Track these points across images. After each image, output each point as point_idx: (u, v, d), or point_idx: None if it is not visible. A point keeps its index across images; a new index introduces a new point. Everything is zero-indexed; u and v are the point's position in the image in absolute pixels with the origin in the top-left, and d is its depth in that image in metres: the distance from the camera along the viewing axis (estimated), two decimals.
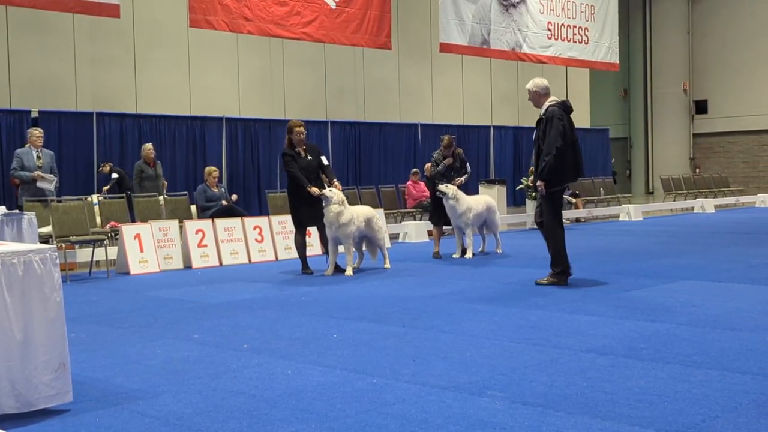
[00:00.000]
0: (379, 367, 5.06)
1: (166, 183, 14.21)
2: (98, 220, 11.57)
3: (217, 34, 15.75)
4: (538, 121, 8.33)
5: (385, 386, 4.62)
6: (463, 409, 4.17)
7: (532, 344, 5.64)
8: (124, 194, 12.80)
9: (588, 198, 19.63)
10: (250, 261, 11.44)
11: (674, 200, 22.55)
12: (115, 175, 14.21)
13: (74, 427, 4.01)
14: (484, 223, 11.66)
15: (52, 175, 11.09)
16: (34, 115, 15.29)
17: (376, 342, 5.89)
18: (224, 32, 15.25)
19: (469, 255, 11.13)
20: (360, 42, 17.13)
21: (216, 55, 18.40)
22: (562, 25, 21.02)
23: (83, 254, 10.80)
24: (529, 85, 8.47)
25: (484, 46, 19.34)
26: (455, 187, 11.23)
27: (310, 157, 10.00)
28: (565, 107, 8.27)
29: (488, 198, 11.98)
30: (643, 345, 5.53)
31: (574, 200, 18.50)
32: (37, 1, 12.36)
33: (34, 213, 9.29)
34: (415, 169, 16.51)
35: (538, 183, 8.25)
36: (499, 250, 11.78)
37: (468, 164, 11.83)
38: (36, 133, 11.18)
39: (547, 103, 8.29)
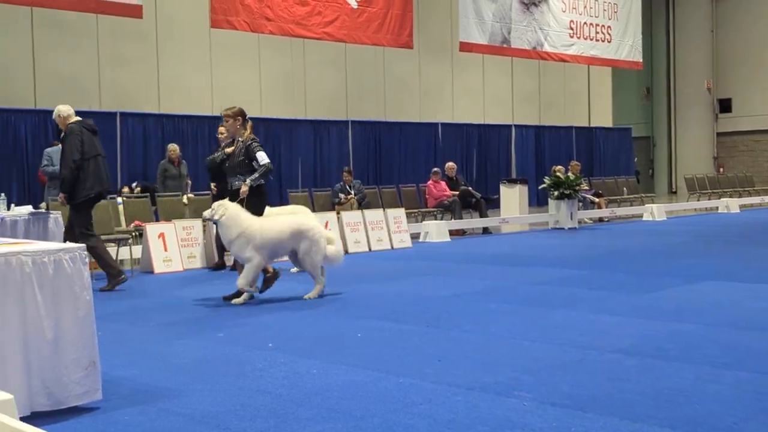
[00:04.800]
0: (404, 367, 5.05)
1: (190, 182, 14.28)
2: (122, 219, 11.64)
3: (239, 33, 15.80)
4: (62, 140, 8.88)
5: (411, 386, 4.61)
6: (491, 409, 4.15)
7: (557, 344, 5.61)
8: (148, 194, 12.88)
9: (611, 197, 19.50)
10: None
11: (698, 200, 22.36)
12: (138, 190, 14.31)
13: (104, 425, 4.04)
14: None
15: None
16: None
17: (400, 341, 5.88)
18: (246, 32, 15.30)
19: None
20: (381, 41, 17.13)
21: (238, 54, 18.47)
22: (585, 23, 20.91)
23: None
24: (54, 114, 8.98)
25: (505, 45, 19.28)
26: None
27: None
28: (86, 125, 8.85)
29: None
30: (670, 346, 5.49)
31: (597, 200, 18.40)
32: (62, 2, 12.47)
33: (59, 212, 9.36)
34: (435, 169, 16.48)
35: (60, 195, 8.83)
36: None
37: (259, 159, 8.18)
38: None
39: (69, 123, 8.86)
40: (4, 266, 3.88)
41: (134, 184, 14.51)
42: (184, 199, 12.63)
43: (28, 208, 9.42)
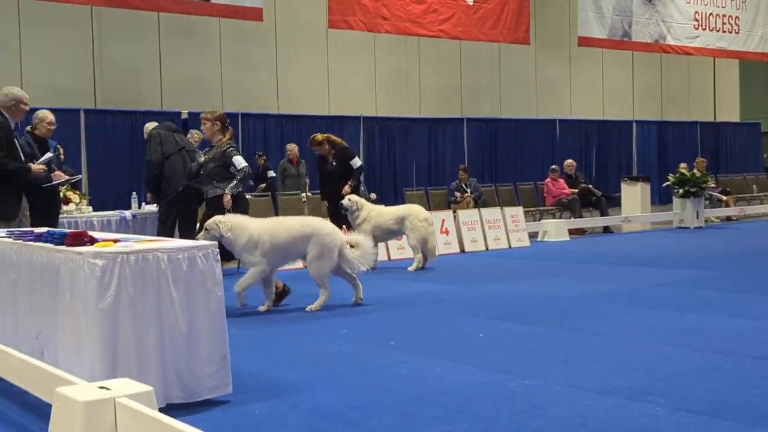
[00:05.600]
0: (530, 369, 4.95)
1: (308, 182, 14.52)
2: None
3: (355, 33, 15.95)
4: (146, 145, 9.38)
5: (538, 388, 4.51)
6: (622, 414, 4.01)
7: (691, 349, 5.37)
8: (269, 192, 13.19)
9: (739, 195, 18.63)
10: (389, 258, 11.49)
11: None
12: (272, 173, 14.62)
13: (235, 417, 4.13)
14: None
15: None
16: (184, 116, 15.93)
17: (524, 343, 5.77)
18: (361, 32, 15.44)
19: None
20: (498, 37, 16.94)
21: (353, 54, 18.66)
22: (710, 14, 20.05)
23: None
24: (145, 136, 9.45)
25: (625, 39, 18.75)
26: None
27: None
28: (163, 127, 9.39)
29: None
30: None
31: (724, 198, 17.61)
32: (189, 8, 12.94)
33: None
34: (554, 166, 16.16)
35: (148, 196, 9.49)
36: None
37: (236, 163, 7.86)
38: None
39: (151, 131, 9.32)
40: (142, 263, 4.02)
41: (270, 173, 14.76)
42: (303, 198, 12.87)
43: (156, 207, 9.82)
